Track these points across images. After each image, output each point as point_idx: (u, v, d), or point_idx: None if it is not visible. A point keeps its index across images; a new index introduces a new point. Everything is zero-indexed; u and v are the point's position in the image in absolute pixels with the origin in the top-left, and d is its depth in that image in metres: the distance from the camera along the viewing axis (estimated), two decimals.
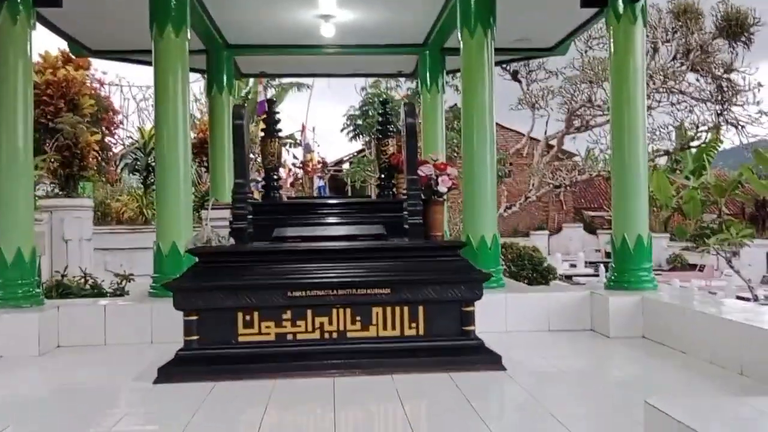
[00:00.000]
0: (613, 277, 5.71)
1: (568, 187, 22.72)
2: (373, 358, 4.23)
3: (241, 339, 4.26)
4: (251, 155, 5.57)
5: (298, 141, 22.88)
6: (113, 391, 4.07)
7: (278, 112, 6.34)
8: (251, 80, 20.97)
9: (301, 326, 4.28)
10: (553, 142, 22.87)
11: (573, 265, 20.80)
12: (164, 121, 5.87)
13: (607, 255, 25.12)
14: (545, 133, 23.05)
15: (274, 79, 26.30)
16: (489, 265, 5.87)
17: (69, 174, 10.72)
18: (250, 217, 4.60)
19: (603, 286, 5.86)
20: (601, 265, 17.18)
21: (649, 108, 21.27)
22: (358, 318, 4.31)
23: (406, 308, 4.33)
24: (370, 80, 20.29)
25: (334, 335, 4.30)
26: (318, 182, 20.06)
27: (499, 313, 5.46)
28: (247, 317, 4.26)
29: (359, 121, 19.13)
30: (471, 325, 4.35)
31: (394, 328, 4.32)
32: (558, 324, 5.55)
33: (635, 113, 5.70)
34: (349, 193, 19.67)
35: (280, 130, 6.08)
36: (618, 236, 5.69)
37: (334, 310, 4.30)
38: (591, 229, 27.50)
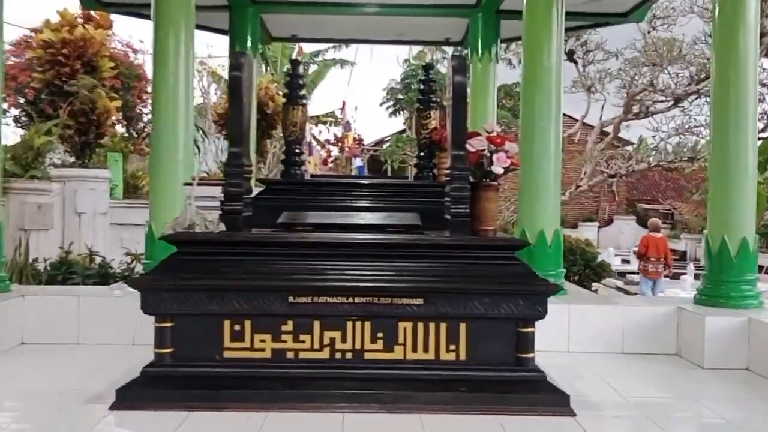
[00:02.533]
0: (706, 290, 4.56)
1: (623, 177, 21.31)
2: (397, 389, 3.21)
3: (227, 355, 3.27)
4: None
5: (339, 119, 21.89)
6: (48, 421, 3.10)
7: (302, 76, 5.36)
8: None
9: (305, 342, 3.28)
10: (609, 128, 21.45)
11: (626, 261, 19.40)
12: (162, 84, 4.92)
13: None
14: (600, 118, 21.64)
15: (316, 55, 25.40)
16: (548, 267, 4.80)
17: (85, 142, 9.91)
18: (249, 197, 3.59)
19: (692, 299, 4.70)
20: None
21: None
22: (379, 335, 3.29)
23: (443, 325, 3.29)
24: (414, 51, 19.04)
25: (348, 356, 3.29)
26: (357, 162, 19.05)
27: (559, 329, 4.38)
28: (237, 327, 3.27)
29: (400, 96, 17.90)
30: (529, 352, 3.28)
31: (426, 350, 3.29)
32: (634, 345, 4.44)
33: (744, 87, 4.51)
34: (387, 175, 18.63)
35: (304, 96, 5.12)
36: (715, 239, 4.53)
37: (349, 324, 3.28)
38: (644, 222, 25.92)
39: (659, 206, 27.14)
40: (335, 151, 14.66)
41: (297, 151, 5.82)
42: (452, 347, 3.29)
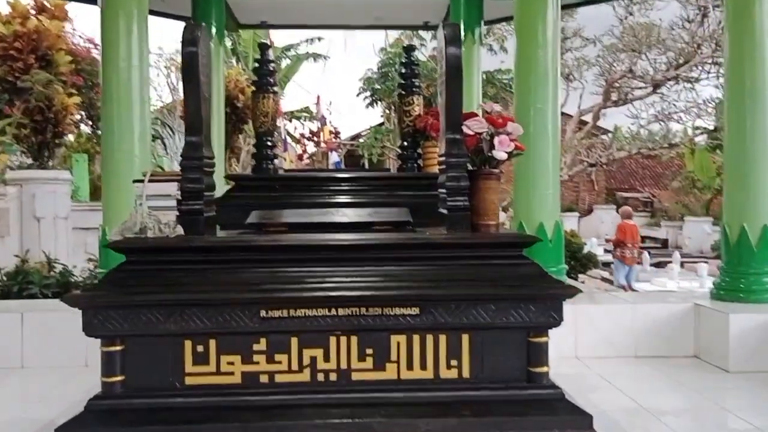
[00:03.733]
0: (724, 283, 4.15)
1: (603, 166, 21.03)
2: (390, 415, 2.72)
3: (189, 381, 2.77)
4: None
5: (313, 114, 21.31)
6: None
7: (273, 61, 4.86)
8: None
9: (281, 363, 2.78)
10: (587, 117, 21.14)
11: (608, 251, 19.08)
12: (112, 72, 4.40)
13: (642, 239, 23.50)
14: (579, 106, 21.31)
15: (288, 49, 24.75)
16: (549, 263, 4.35)
17: (42, 141, 9.27)
18: (211, 194, 3.07)
19: (709, 294, 4.27)
20: (645, 252, 15.51)
21: (696, 80, 19.50)
22: (368, 352, 2.80)
23: (442, 338, 2.81)
24: (390, 39, 18.52)
25: (332, 377, 2.80)
26: (334, 157, 18.52)
27: (566, 332, 3.92)
28: (199, 348, 2.77)
29: (377, 86, 17.33)
30: (543, 366, 2.82)
31: (424, 367, 2.81)
32: (648, 348, 4.01)
33: (760, 67, 4.09)
34: (368, 169, 18.13)
35: (274, 84, 4.64)
36: (733, 227, 4.11)
37: (333, 340, 2.79)
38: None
39: (638, 194, 26.96)
40: (311, 147, 14.13)
41: (269, 143, 5.32)
42: (453, 363, 2.82)
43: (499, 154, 2.98)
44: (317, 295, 2.74)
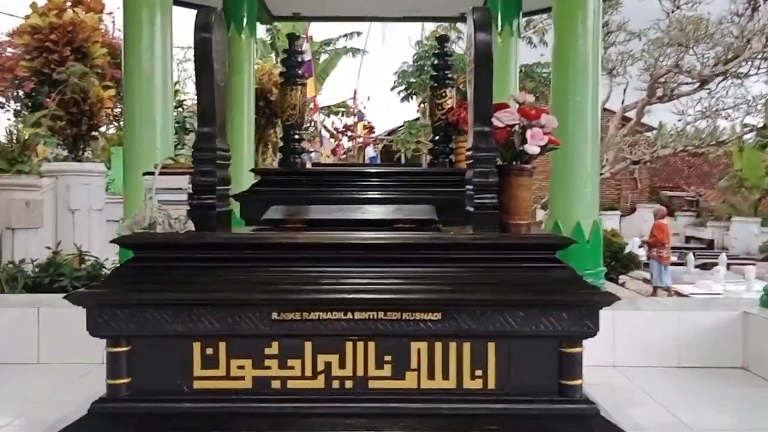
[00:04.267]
0: None
1: (646, 164, 20.46)
2: (409, 427, 2.54)
3: (197, 386, 2.62)
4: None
5: (350, 108, 21.20)
6: None
7: (302, 52, 4.73)
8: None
9: (294, 368, 2.62)
10: (631, 113, 20.58)
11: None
12: (134, 63, 4.29)
13: (687, 240, 22.85)
14: (622, 102, 20.76)
15: (328, 44, 24.66)
16: (586, 265, 4.12)
17: (77, 134, 9.30)
18: (225, 188, 2.92)
19: (759, 301, 3.97)
20: (690, 253, 15.03)
21: (745, 76, 18.83)
22: (387, 359, 2.62)
23: (466, 346, 2.61)
24: (427, 32, 18.19)
25: (348, 385, 2.62)
26: (370, 152, 18.37)
27: (603, 339, 3.65)
28: (209, 351, 2.62)
29: (412, 79, 17.00)
30: (576, 378, 2.60)
31: (446, 377, 2.62)
32: (692, 358, 3.75)
33: None
34: (399, 163, 17.88)
35: (303, 76, 4.51)
36: None
37: (349, 345, 2.62)
38: (668, 210, 25.02)
39: (683, 193, 26.23)
40: (346, 142, 14.01)
41: (296, 136, 5.17)
42: (478, 373, 2.62)
43: (532, 148, 2.76)
44: (333, 297, 2.56)
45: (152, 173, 2.79)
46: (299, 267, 2.64)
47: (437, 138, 5.29)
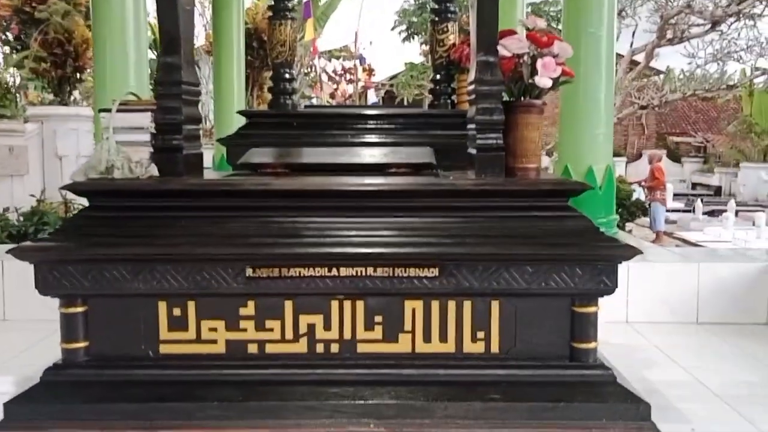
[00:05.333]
0: None
1: (655, 108, 19.91)
2: (402, 397, 2.25)
3: (164, 350, 2.34)
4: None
5: (352, 53, 20.55)
6: None
7: None
8: None
9: (273, 330, 2.33)
10: (639, 56, 19.93)
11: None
12: None
13: (693, 186, 22.48)
14: (631, 45, 20.09)
15: None
16: (598, 213, 3.80)
17: (62, 76, 8.89)
18: (194, 127, 2.57)
19: None
20: (698, 200, 14.68)
21: (759, 16, 18.15)
22: (377, 319, 2.32)
23: (467, 305, 2.31)
24: None
25: (333, 349, 2.33)
26: (371, 97, 17.88)
27: (616, 294, 3.38)
28: (176, 311, 2.32)
29: (414, 18, 16.29)
30: (589, 341, 2.31)
31: (444, 339, 2.33)
32: (713, 313, 3.46)
33: None
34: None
35: (292, 10, 4.13)
36: None
37: (335, 304, 2.32)
38: (675, 156, 24.58)
39: (691, 139, 25.71)
40: (346, 86, 13.52)
41: (287, 75, 4.80)
42: (480, 335, 2.32)
43: (543, 80, 2.41)
44: (315, 252, 2.25)
45: (109, 110, 2.44)
46: (277, 217, 2.32)
47: (438, 77, 4.92)
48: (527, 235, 2.27)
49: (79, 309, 2.31)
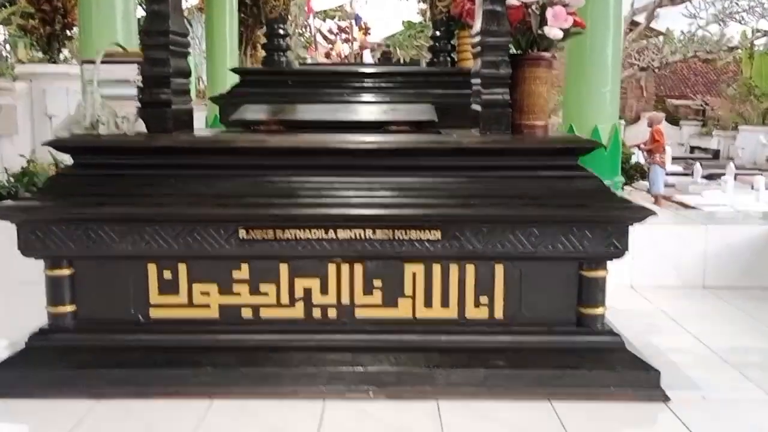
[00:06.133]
0: None
1: (655, 70, 19.67)
2: (402, 363, 2.17)
3: (154, 315, 2.24)
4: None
5: (348, 13, 20.17)
6: None
7: None
8: None
9: (268, 294, 2.23)
10: (640, 18, 19.62)
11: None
12: None
13: (692, 150, 22.33)
14: (632, 5, 19.75)
15: None
16: (602, 174, 3.59)
17: (51, 33, 8.64)
18: (183, 81, 2.43)
19: None
20: (697, 163, 14.56)
21: None
22: (377, 284, 2.23)
23: (470, 268, 2.21)
24: None
25: (331, 314, 2.24)
26: (367, 57, 17.59)
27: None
28: (167, 274, 2.22)
29: None
30: (597, 306, 2.22)
31: (446, 304, 2.23)
32: (719, 277, 3.38)
33: None
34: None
35: None
36: None
37: (332, 268, 2.22)
38: (674, 119, 24.36)
39: (690, 101, 25.48)
40: (340, 44, 13.24)
41: (281, 32, 4.65)
42: (483, 300, 2.23)
43: (553, 31, 2.27)
44: (312, 213, 2.14)
45: (93, 62, 2.31)
46: (272, 176, 2.21)
47: (437, 34, 4.76)
48: (534, 196, 2.16)
49: (65, 271, 2.20)
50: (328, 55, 12.19)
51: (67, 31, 8.80)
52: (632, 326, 2.60)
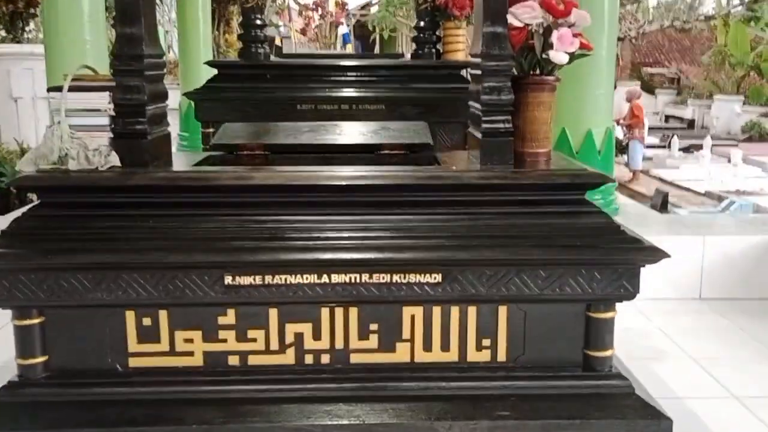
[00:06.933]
0: None
1: (632, 40, 19.56)
2: (400, 413, 2.04)
3: (133, 363, 2.08)
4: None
5: None
6: None
7: None
8: None
9: (256, 340, 2.08)
10: None
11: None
12: None
13: (667, 119, 22.33)
14: None
15: None
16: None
17: (14, 12, 8.27)
18: (158, 106, 2.23)
19: None
20: (674, 136, 14.53)
21: None
22: (373, 327, 2.09)
23: (472, 310, 2.08)
24: None
25: (324, 360, 2.10)
26: (342, 29, 17.23)
27: None
28: (146, 321, 2.06)
29: None
30: (605, 349, 2.11)
31: (446, 347, 2.11)
32: (717, 288, 3.32)
33: None
34: (377, 47, 16.61)
35: None
36: None
37: (325, 311, 2.08)
38: (649, 88, 24.32)
39: (665, 70, 25.44)
40: (317, 18, 12.91)
41: (258, 22, 4.44)
42: (486, 343, 2.11)
43: (559, 56, 2.12)
44: (302, 258, 1.99)
45: (60, 89, 2.11)
46: (258, 215, 2.04)
47: (422, 24, 4.58)
48: (540, 235, 2.03)
49: (35, 320, 2.03)
50: (304, 32, 11.87)
51: (32, 9, 8.43)
52: (632, 351, 2.51)
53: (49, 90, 2.15)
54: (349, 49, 16.74)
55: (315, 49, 13.22)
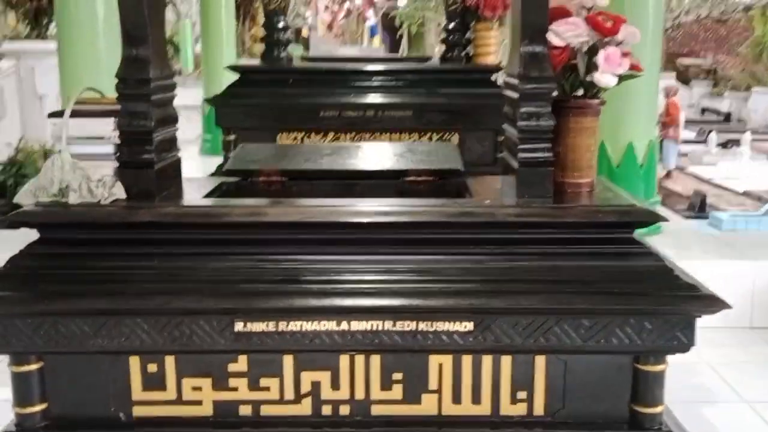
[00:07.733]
0: None
1: (668, 31, 19.00)
2: None
3: (138, 412, 1.93)
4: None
5: None
6: None
7: None
8: None
9: (269, 389, 1.92)
10: None
11: None
12: None
13: (703, 111, 21.80)
14: None
15: None
16: (636, 195, 3.32)
17: (38, 7, 8.20)
18: (167, 130, 2.06)
19: None
20: (713, 132, 14.06)
21: None
22: (397, 377, 1.91)
23: (506, 360, 1.89)
24: None
25: (343, 411, 1.93)
26: (369, 21, 17.02)
27: None
28: (152, 367, 1.90)
29: None
30: (655, 405, 1.90)
31: (477, 401, 1.92)
32: (766, 317, 3.06)
33: None
34: (404, 45, 16.20)
35: None
36: None
37: (344, 359, 1.90)
38: (684, 79, 23.71)
39: (701, 61, 24.77)
40: (343, 12, 12.71)
41: (280, 25, 4.28)
42: (521, 396, 1.91)
43: (606, 78, 1.91)
44: (319, 305, 1.81)
45: (60, 114, 1.95)
46: (272, 255, 1.87)
47: (452, 26, 4.39)
48: (583, 280, 1.83)
49: (33, 366, 1.88)
50: (330, 27, 11.69)
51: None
52: (680, 392, 2.29)
53: (48, 116, 1.99)
54: (376, 41, 16.52)
55: (340, 45, 13.02)
